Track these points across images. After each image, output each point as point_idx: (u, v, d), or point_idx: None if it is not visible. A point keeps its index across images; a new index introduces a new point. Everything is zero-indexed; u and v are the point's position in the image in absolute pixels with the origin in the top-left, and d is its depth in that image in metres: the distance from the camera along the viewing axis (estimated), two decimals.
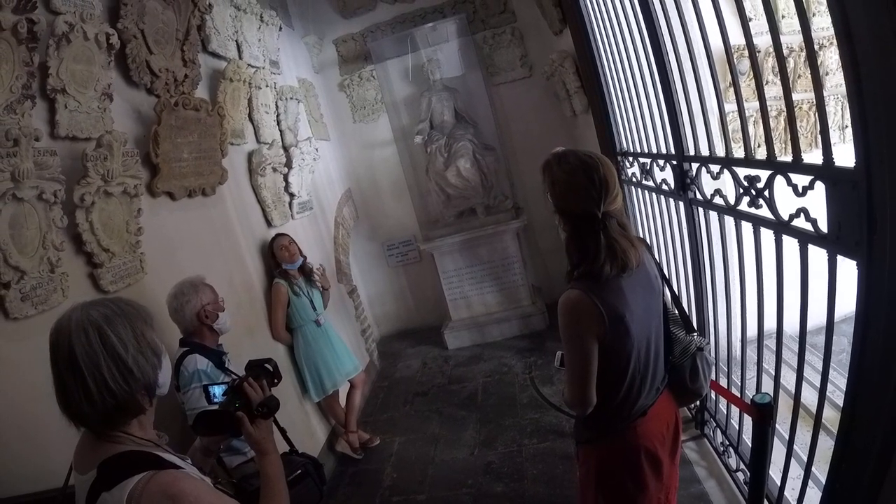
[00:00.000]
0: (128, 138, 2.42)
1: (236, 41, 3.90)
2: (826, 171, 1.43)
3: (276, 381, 1.60)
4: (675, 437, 1.85)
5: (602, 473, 1.80)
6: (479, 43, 5.80)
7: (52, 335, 1.13)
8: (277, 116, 4.36)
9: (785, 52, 3.21)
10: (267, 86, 4.09)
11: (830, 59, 3.38)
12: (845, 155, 1.34)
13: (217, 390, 1.46)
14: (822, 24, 3.12)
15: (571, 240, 1.65)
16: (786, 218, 1.70)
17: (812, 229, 1.56)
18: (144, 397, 1.19)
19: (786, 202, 1.68)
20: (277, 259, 3.71)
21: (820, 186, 1.46)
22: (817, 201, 1.49)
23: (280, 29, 4.64)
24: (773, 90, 3.16)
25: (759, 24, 1.62)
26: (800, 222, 1.62)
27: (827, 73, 3.38)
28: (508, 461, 3.54)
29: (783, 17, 3.24)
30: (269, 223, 3.96)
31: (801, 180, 1.56)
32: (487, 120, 5.82)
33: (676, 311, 1.92)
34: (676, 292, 2.79)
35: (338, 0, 5.87)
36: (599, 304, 1.56)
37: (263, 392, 1.47)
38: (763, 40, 1.61)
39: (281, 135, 4.38)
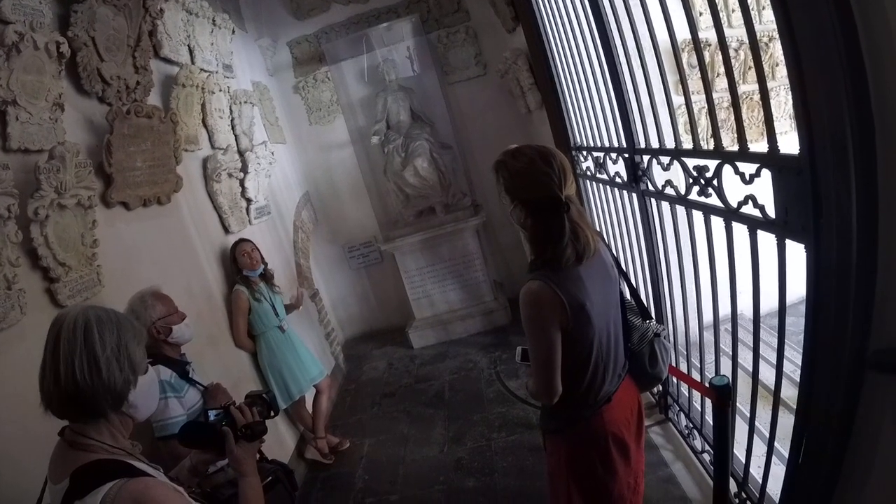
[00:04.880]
0: (80, 149, 2.34)
1: (188, 46, 3.81)
2: (771, 159, 1.48)
3: (271, 413, 1.68)
4: (639, 422, 1.90)
5: (573, 461, 1.83)
6: (433, 42, 5.81)
7: (54, 320, 1.24)
8: (232, 121, 4.27)
9: (736, 44, 3.31)
10: (220, 90, 4.01)
11: (780, 50, 3.48)
12: (796, 142, 1.37)
13: (212, 414, 1.55)
14: (773, 16, 3.23)
15: (535, 228, 1.66)
16: (735, 205, 1.76)
17: (760, 215, 1.62)
18: (107, 403, 1.22)
19: (735, 190, 1.74)
20: (239, 265, 3.64)
21: (767, 174, 1.51)
22: (766, 188, 1.54)
23: (233, 32, 4.55)
24: (724, 81, 3.26)
25: (709, 18, 1.69)
26: (748, 209, 1.68)
27: (777, 64, 3.46)
28: (478, 456, 3.58)
29: (733, 10, 3.33)
30: (226, 230, 3.89)
31: (748, 168, 1.61)
32: (444, 119, 5.84)
33: (633, 300, 1.99)
34: (633, 282, 2.87)
35: (291, 1, 5.80)
36: (560, 293, 1.58)
37: (252, 418, 1.55)
38: (713, 34, 1.68)
39: (236, 139, 4.29)
